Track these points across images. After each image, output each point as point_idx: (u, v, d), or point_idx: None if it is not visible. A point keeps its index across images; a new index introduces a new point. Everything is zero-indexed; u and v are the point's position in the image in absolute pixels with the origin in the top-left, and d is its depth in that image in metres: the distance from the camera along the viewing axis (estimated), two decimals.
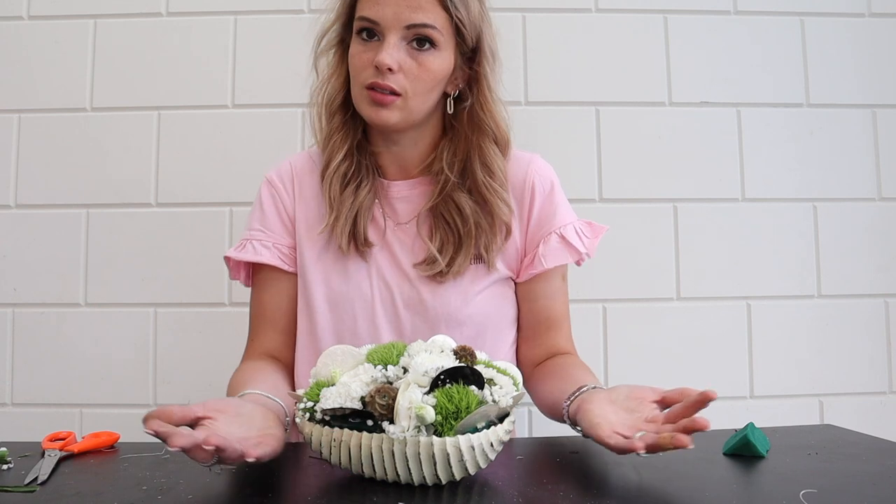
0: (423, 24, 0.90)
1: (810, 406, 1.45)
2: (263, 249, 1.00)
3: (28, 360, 1.42)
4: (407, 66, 0.91)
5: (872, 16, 1.52)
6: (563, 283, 1.03)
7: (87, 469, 0.78)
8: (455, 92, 0.98)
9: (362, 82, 0.92)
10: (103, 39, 1.46)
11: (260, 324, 1.03)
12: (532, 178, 1.00)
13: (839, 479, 0.70)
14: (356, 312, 0.98)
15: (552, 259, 0.98)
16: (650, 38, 1.49)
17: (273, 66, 1.46)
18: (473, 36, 0.94)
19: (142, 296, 1.43)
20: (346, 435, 0.68)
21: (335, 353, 0.76)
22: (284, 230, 1.02)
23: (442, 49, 0.92)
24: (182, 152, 1.45)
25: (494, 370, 0.73)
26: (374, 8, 0.90)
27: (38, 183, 1.44)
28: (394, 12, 0.89)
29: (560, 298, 1.03)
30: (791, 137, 1.49)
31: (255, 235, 1.01)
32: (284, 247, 1.01)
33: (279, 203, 1.02)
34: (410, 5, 0.89)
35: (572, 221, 1.00)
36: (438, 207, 0.97)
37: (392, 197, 1.01)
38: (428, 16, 0.90)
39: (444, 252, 0.96)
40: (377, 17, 0.90)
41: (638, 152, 1.47)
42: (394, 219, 1.00)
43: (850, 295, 1.48)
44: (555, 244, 0.98)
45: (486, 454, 0.68)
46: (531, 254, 0.99)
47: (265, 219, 1.02)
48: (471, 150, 0.97)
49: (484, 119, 0.97)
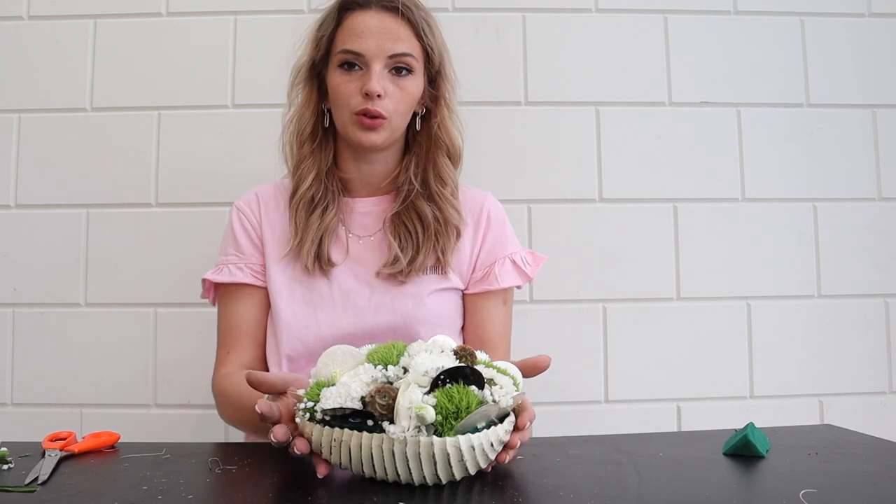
0: (403, 54, 1.02)
1: (810, 406, 1.45)
2: (237, 271, 1.09)
3: (28, 360, 1.42)
4: (390, 91, 1.01)
5: (872, 16, 1.52)
6: (505, 308, 1.12)
7: (88, 469, 0.78)
8: (422, 110, 1.09)
9: (352, 109, 1.01)
10: (103, 39, 1.46)
11: (236, 337, 1.09)
12: (488, 209, 1.12)
13: (839, 479, 0.70)
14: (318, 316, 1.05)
15: (506, 280, 1.09)
16: (650, 38, 1.49)
17: (273, 66, 1.45)
18: (437, 61, 1.07)
19: (142, 296, 1.43)
20: (347, 435, 0.68)
21: (335, 354, 0.76)
22: (255, 249, 1.10)
23: (416, 74, 1.04)
24: (182, 152, 1.45)
25: (494, 370, 0.73)
26: (358, 41, 1.01)
27: (38, 183, 1.44)
28: (377, 44, 1.00)
29: (500, 320, 1.11)
30: (791, 137, 1.49)
31: (230, 259, 1.10)
32: (256, 265, 1.10)
33: (247, 225, 1.11)
34: (391, 37, 1.01)
35: (519, 251, 1.12)
36: (401, 215, 1.07)
37: (357, 212, 1.10)
38: (406, 45, 1.02)
39: (405, 253, 1.05)
40: (361, 50, 1.00)
41: (638, 152, 1.47)
42: (358, 233, 1.09)
43: (850, 295, 1.48)
44: (508, 267, 1.09)
45: (486, 454, 0.68)
46: (483, 271, 1.10)
47: (237, 243, 1.11)
48: (427, 163, 1.08)
49: (441, 136, 1.08)
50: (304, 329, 1.05)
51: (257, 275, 1.09)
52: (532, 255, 1.13)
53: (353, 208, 1.10)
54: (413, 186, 1.06)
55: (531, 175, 1.35)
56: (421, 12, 1.04)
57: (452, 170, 1.10)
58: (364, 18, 1.02)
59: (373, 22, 1.01)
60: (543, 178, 1.43)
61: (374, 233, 1.09)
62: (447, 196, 1.07)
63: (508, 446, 0.70)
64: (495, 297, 1.10)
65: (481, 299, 1.10)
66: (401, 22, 1.02)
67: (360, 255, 1.08)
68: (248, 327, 1.08)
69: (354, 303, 1.05)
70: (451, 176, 1.09)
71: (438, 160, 1.08)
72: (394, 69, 1.02)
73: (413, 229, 1.06)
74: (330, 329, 1.05)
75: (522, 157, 1.45)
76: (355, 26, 1.02)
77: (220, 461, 0.78)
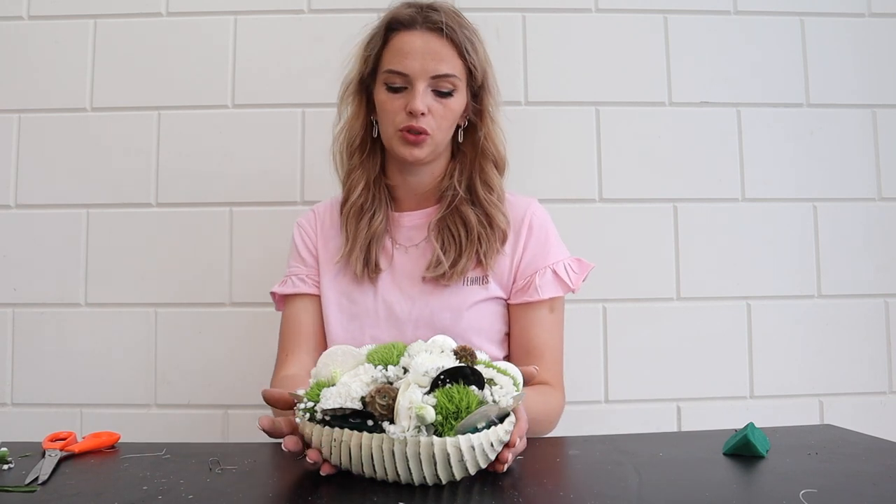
0: (447, 75, 1.05)
1: (810, 406, 1.45)
2: (299, 282, 1.15)
3: (28, 360, 1.42)
4: (434, 109, 1.05)
5: (872, 16, 1.52)
6: (552, 315, 1.11)
7: (88, 469, 0.78)
8: (465, 123, 1.13)
9: (396, 126, 1.06)
10: (103, 39, 1.46)
11: (294, 342, 1.13)
12: (530, 218, 1.13)
13: (839, 479, 0.70)
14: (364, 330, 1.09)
15: (546, 291, 1.09)
16: (650, 38, 1.49)
17: (273, 66, 1.46)
18: (480, 77, 1.10)
19: (142, 296, 1.43)
20: (347, 435, 0.68)
21: (335, 354, 0.76)
22: (314, 260, 1.16)
23: (459, 92, 1.08)
24: (182, 152, 1.45)
25: (495, 370, 0.73)
26: (404, 62, 1.04)
27: (38, 183, 1.44)
28: (421, 65, 1.04)
29: (546, 328, 1.10)
30: (791, 137, 1.49)
31: (292, 272, 1.17)
32: (316, 275, 1.15)
33: (306, 239, 1.17)
34: (435, 58, 1.04)
35: (563, 259, 1.12)
36: (445, 220, 1.10)
37: (404, 225, 1.14)
38: (449, 65, 1.05)
39: (447, 256, 1.08)
40: (407, 70, 1.04)
41: (638, 152, 1.47)
42: (404, 243, 1.13)
43: (850, 295, 1.48)
44: (549, 278, 1.10)
45: (486, 454, 0.68)
46: (524, 281, 1.10)
47: (298, 256, 1.17)
48: (474, 172, 1.12)
49: (487, 146, 1.12)
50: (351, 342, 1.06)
51: (318, 284, 1.15)
52: (578, 263, 1.13)
53: (400, 222, 1.14)
54: (457, 192, 1.10)
55: (531, 175, 1.35)
56: (465, 31, 1.07)
57: (499, 177, 1.13)
58: (409, 39, 1.05)
59: (418, 43, 1.05)
60: (543, 178, 1.43)
61: (419, 242, 1.12)
62: (494, 201, 1.10)
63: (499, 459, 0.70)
64: (539, 306, 1.10)
65: (524, 309, 1.10)
66: (445, 42, 1.05)
67: (404, 265, 1.11)
68: (307, 333, 1.13)
69: (396, 315, 1.08)
70: (497, 183, 1.12)
71: (486, 168, 1.12)
72: (437, 91, 1.06)
73: (456, 233, 1.09)
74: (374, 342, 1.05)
75: (522, 157, 1.45)
76: (401, 47, 1.06)
77: (220, 461, 0.78)
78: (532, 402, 0.97)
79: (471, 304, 1.08)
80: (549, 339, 1.10)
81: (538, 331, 1.10)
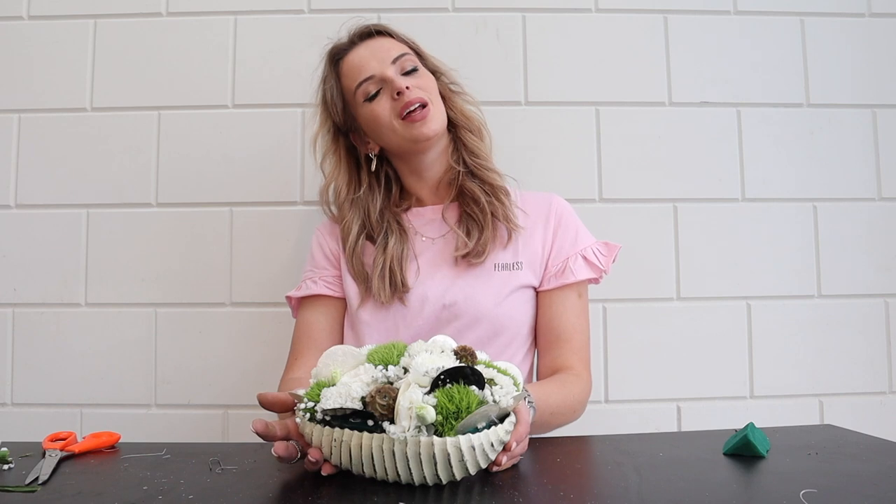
0: (402, 54, 1.13)
1: (810, 406, 1.45)
2: (312, 284, 1.17)
3: (28, 360, 1.42)
4: (414, 84, 1.11)
5: (872, 16, 1.52)
6: (580, 301, 1.15)
7: (88, 469, 0.78)
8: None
9: (396, 116, 1.10)
10: (103, 39, 1.46)
11: (305, 344, 1.15)
12: (556, 208, 1.18)
13: (839, 479, 0.70)
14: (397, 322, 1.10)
15: (580, 273, 1.13)
16: (650, 38, 1.49)
17: (273, 66, 1.46)
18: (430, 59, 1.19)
19: (142, 296, 1.43)
20: (347, 435, 0.68)
21: (336, 354, 0.76)
22: (328, 263, 1.19)
23: (421, 69, 1.15)
24: (182, 152, 1.45)
25: (495, 370, 0.73)
26: (363, 69, 1.12)
27: (38, 183, 1.44)
28: (377, 59, 1.12)
29: (574, 312, 1.13)
30: (791, 137, 1.49)
31: (307, 276, 1.19)
32: (329, 276, 1.17)
33: (323, 244, 1.20)
34: (383, 50, 1.13)
35: (591, 244, 1.16)
36: (457, 203, 1.15)
37: (428, 218, 1.17)
38: (398, 49, 1.14)
39: (471, 236, 1.11)
40: (370, 72, 1.11)
41: (638, 152, 1.47)
42: (431, 235, 1.16)
43: (850, 295, 1.48)
44: (581, 263, 1.14)
45: (487, 454, 0.68)
46: (556, 267, 1.14)
47: (313, 260, 1.20)
48: (459, 146, 1.17)
49: (457, 116, 1.18)
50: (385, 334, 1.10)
51: (330, 285, 1.17)
52: (606, 246, 1.17)
53: (424, 215, 1.18)
54: (457, 170, 1.15)
55: (531, 175, 1.35)
56: (391, 26, 1.18)
57: (480, 142, 1.18)
58: (354, 53, 1.14)
59: (363, 52, 1.14)
60: (543, 179, 1.43)
61: (446, 233, 1.15)
62: (482, 164, 1.16)
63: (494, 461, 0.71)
64: (568, 291, 1.13)
65: (554, 295, 1.13)
66: (382, 38, 1.15)
67: (435, 255, 1.14)
68: (318, 335, 1.14)
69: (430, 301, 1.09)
70: (479, 147, 1.18)
71: (464, 138, 1.17)
72: (405, 73, 1.12)
73: (471, 211, 1.13)
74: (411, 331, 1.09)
75: (522, 157, 1.45)
76: (352, 63, 1.14)
77: (220, 461, 0.78)
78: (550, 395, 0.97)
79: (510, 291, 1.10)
80: (578, 323, 1.13)
81: (568, 315, 1.12)
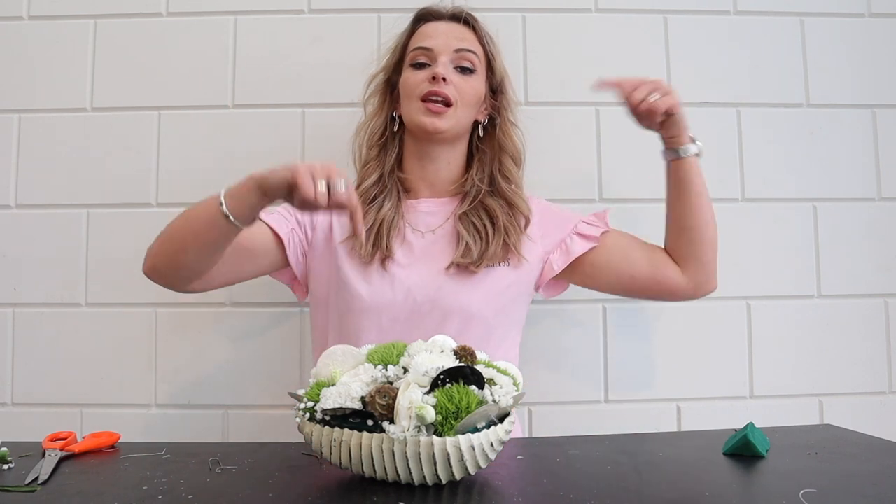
0: (467, 49, 1.14)
1: (810, 406, 1.45)
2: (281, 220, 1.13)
3: (28, 360, 1.42)
4: (455, 81, 1.12)
5: (872, 16, 1.52)
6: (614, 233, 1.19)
7: (88, 469, 0.78)
8: (484, 120, 1.19)
9: (418, 95, 1.11)
10: (103, 39, 1.46)
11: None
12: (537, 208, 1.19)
13: (839, 479, 0.70)
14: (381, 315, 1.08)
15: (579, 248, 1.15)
16: (650, 39, 1.49)
17: (273, 66, 1.46)
18: (499, 75, 1.20)
19: (142, 296, 1.42)
20: (347, 435, 0.68)
21: (335, 354, 0.76)
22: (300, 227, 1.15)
23: (479, 74, 1.16)
24: (182, 152, 1.45)
25: (495, 370, 0.73)
26: (428, 40, 1.14)
27: (38, 183, 1.44)
28: (444, 41, 1.14)
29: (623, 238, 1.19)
30: (791, 137, 1.49)
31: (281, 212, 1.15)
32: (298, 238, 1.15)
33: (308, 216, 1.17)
34: (457, 36, 1.15)
35: (578, 221, 1.18)
36: (468, 214, 1.14)
37: (421, 211, 1.17)
38: (471, 44, 1.15)
39: (476, 245, 1.11)
40: (431, 45, 1.13)
41: (638, 152, 1.47)
42: (422, 229, 1.15)
43: (850, 295, 1.48)
44: (578, 240, 1.16)
45: (486, 454, 0.68)
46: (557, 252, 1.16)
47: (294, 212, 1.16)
48: (494, 167, 1.18)
49: (505, 143, 1.19)
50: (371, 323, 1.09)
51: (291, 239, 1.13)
52: (594, 216, 1.20)
53: (416, 208, 1.17)
54: (480, 188, 1.15)
55: (531, 175, 1.34)
56: (487, 30, 1.20)
57: (517, 169, 1.20)
58: (435, 25, 1.17)
59: (442, 27, 1.16)
60: (543, 179, 1.43)
61: (436, 228, 1.15)
62: (514, 190, 1.17)
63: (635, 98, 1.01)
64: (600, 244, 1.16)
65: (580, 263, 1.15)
66: (468, 29, 1.17)
67: (423, 250, 1.13)
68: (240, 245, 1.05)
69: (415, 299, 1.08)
70: (516, 174, 1.19)
71: (504, 162, 1.18)
72: (459, 68, 1.13)
73: (481, 223, 1.13)
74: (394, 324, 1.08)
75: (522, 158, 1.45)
76: (427, 31, 1.17)
77: (220, 461, 0.78)
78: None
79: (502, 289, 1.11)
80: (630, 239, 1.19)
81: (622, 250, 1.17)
